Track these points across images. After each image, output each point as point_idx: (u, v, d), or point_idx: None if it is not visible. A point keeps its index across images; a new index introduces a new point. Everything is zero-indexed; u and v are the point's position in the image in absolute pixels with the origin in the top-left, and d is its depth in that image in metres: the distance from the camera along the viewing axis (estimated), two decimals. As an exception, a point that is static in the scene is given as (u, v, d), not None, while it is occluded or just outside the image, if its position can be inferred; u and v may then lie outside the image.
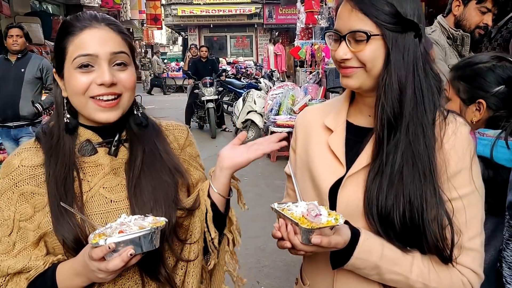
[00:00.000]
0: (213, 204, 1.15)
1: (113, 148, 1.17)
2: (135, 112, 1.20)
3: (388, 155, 1.05)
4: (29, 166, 1.12)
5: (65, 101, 1.15)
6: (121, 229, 0.95)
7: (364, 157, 1.10)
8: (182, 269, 1.19)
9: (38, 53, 7.51)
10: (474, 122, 1.50)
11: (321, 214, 0.97)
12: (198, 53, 10.53)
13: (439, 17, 2.66)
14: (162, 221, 1.00)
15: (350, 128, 1.17)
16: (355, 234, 1.03)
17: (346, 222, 1.02)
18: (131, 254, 0.92)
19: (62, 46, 1.10)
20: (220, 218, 1.18)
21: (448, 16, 2.62)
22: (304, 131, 1.26)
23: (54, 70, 1.16)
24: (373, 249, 1.03)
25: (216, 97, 9.47)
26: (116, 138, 1.17)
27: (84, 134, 1.16)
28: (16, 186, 1.10)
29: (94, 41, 1.07)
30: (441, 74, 1.13)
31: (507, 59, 1.53)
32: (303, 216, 0.98)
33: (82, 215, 1.04)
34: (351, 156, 1.13)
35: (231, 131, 10.06)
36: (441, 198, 1.03)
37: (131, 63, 1.14)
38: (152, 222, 0.98)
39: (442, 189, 1.04)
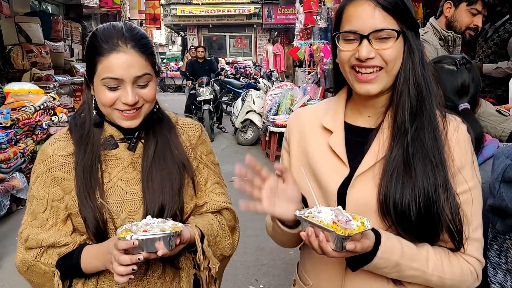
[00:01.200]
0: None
1: (132, 144, 1.31)
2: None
3: (403, 150, 1.08)
4: (60, 155, 1.30)
5: (94, 98, 1.28)
6: (145, 228, 1.10)
7: (372, 156, 1.11)
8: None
9: (38, 53, 7.51)
10: None
11: (351, 220, 0.96)
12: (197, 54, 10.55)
13: (431, 19, 2.72)
14: (180, 226, 1.14)
15: (348, 129, 1.18)
16: (376, 235, 1.03)
17: None
18: (139, 259, 1.07)
19: (92, 63, 1.22)
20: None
21: (440, 18, 2.68)
22: (299, 132, 1.26)
23: (85, 73, 1.29)
24: (394, 248, 1.04)
25: (211, 96, 9.33)
26: (135, 135, 1.32)
27: (109, 130, 1.32)
28: (50, 171, 1.29)
29: (120, 66, 1.19)
30: None
31: (470, 62, 1.59)
32: (334, 223, 0.96)
33: (104, 203, 1.22)
34: (352, 156, 1.14)
35: (227, 132, 10.11)
36: (451, 188, 1.07)
37: (153, 78, 1.26)
38: (172, 226, 1.12)
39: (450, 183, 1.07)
